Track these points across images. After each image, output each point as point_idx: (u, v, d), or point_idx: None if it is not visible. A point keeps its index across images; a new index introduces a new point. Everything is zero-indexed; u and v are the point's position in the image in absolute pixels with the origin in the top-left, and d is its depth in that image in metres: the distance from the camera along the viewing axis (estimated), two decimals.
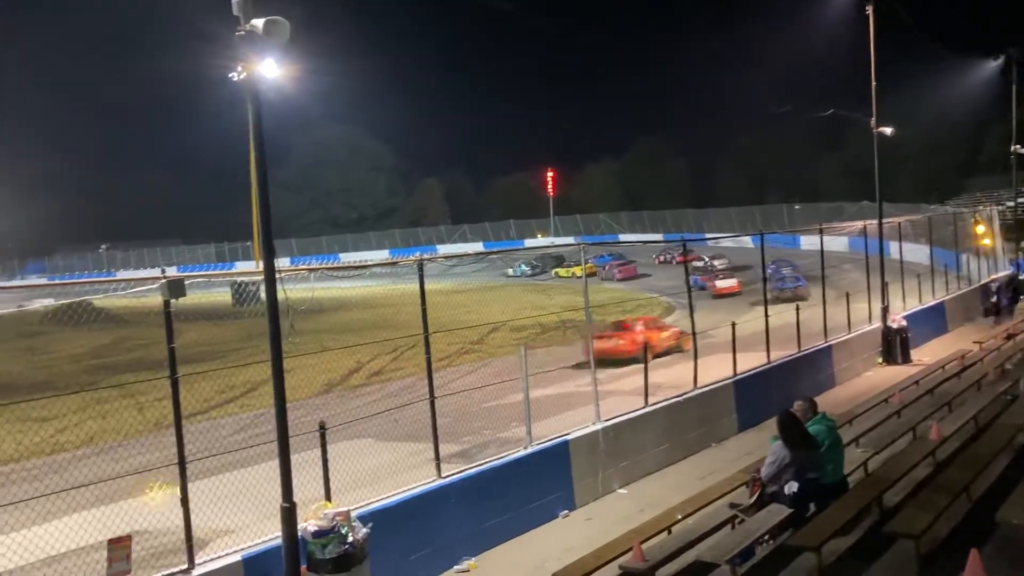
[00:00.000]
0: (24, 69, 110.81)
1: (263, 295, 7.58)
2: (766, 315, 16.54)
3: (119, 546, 7.05)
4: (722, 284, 40.17)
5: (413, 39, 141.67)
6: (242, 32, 7.24)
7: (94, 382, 22.90)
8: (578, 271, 56.14)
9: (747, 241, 52.52)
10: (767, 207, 73.57)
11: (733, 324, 15.33)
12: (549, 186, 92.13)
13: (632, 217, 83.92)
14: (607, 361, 18.24)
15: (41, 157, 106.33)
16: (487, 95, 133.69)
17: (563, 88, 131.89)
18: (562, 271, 56.25)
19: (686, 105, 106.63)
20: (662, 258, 59.36)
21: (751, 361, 15.85)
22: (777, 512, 8.47)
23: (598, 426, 11.89)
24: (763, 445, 12.33)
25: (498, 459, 10.59)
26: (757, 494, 8.92)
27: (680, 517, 9.12)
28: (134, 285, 8.05)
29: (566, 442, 11.34)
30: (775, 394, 14.53)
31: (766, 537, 8.39)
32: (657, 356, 18.30)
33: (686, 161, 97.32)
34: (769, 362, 16.18)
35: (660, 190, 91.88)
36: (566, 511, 11.05)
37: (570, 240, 73.81)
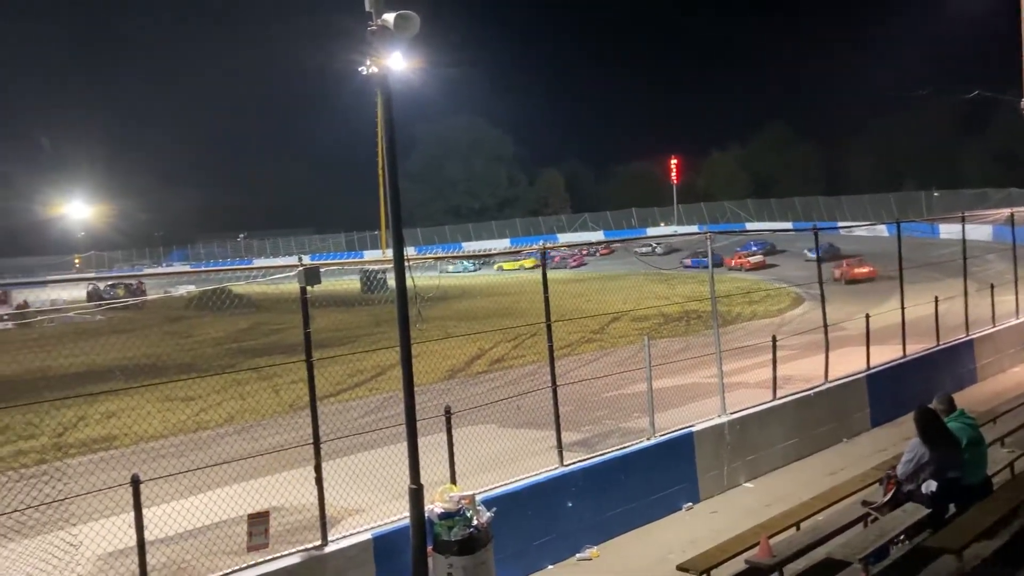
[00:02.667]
0: (169, 68, 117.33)
1: (391, 283, 7.79)
2: (902, 307, 15.82)
3: (258, 521, 7.41)
4: (755, 260, 51.65)
5: (533, 28, 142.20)
6: (374, 27, 7.43)
7: (233, 365, 24.13)
8: (527, 264, 61.38)
9: (882, 230, 50.39)
10: (903, 194, 70.10)
11: (867, 316, 14.76)
12: (673, 173, 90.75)
13: (759, 205, 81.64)
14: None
15: (185, 151, 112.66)
16: (608, 82, 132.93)
17: (687, 72, 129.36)
18: (507, 264, 61.80)
19: (817, 87, 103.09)
20: (586, 251, 69.62)
21: (885, 355, 15.22)
22: (914, 512, 8.11)
23: (724, 418, 11.68)
24: (898, 442, 11.88)
25: (621, 449, 10.54)
26: (892, 492, 8.56)
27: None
28: (273, 273, 8.41)
29: (691, 434, 11.19)
30: (911, 389, 13.88)
31: (901, 537, 8.05)
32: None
33: (817, 146, 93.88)
34: (905, 356, 15.49)
35: (789, 176, 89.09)
36: (690, 503, 10.91)
37: (694, 229, 72.54)
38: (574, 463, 9.91)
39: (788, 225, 69.66)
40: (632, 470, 10.36)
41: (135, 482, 6.72)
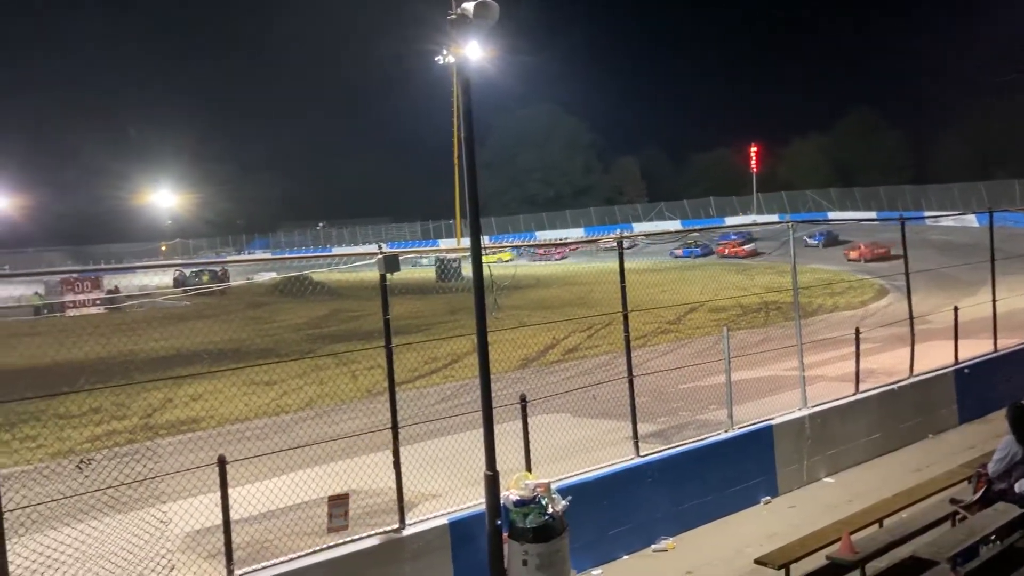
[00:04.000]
0: (252, 61, 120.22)
1: (466, 271, 7.83)
2: (993, 299, 15.25)
3: (338, 503, 7.54)
4: (748, 248, 57.40)
5: (608, 14, 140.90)
6: (453, 16, 7.47)
7: (312, 350, 24.64)
8: (504, 256, 64.03)
9: (971, 220, 48.66)
10: (994, 183, 67.13)
11: (955, 309, 14.26)
12: (752, 162, 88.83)
13: (842, 194, 79.23)
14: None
15: (266, 142, 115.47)
16: (687, 68, 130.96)
17: (767, 57, 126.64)
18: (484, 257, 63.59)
19: (903, 71, 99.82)
20: (561, 253, 72.14)
21: (974, 349, 14.68)
22: (1005, 511, 7.81)
23: (804, 412, 11.44)
24: (987, 439, 11.47)
25: (698, 441, 10.42)
26: (982, 490, 8.27)
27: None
28: (352, 260, 8.55)
29: (770, 427, 10.99)
30: (1002, 386, 13.39)
31: (992, 537, 7.76)
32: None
33: (902, 133, 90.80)
34: (996, 350, 14.92)
35: (873, 165, 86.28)
36: (768, 497, 10.74)
37: (774, 218, 71.03)
38: (650, 454, 9.84)
39: (872, 215, 67.75)
40: (710, 462, 10.24)
41: (221, 463, 6.91)
